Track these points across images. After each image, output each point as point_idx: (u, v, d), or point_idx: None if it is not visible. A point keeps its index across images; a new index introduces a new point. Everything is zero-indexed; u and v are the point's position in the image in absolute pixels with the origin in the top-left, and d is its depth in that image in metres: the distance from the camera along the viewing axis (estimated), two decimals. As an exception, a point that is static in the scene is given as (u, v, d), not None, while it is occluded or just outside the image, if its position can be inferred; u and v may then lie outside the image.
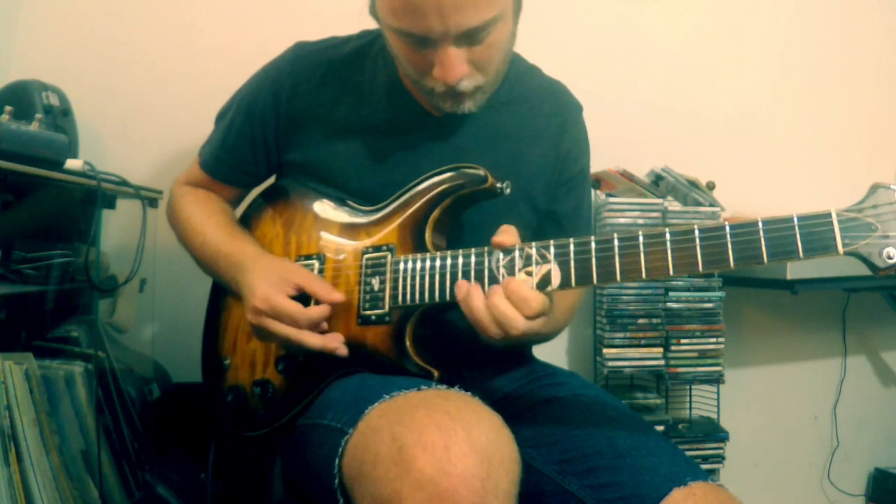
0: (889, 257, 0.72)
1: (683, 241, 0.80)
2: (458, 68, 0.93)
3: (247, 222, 1.18)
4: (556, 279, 0.86)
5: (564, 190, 1.17)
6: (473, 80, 0.97)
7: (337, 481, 0.80)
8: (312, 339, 0.96)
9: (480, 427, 0.74)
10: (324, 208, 1.09)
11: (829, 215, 0.74)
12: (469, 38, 0.92)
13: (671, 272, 0.80)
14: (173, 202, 1.23)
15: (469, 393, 0.84)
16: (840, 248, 0.73)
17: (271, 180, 1.22)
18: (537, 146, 1.13)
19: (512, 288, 0.85)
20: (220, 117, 1.21)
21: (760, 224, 0.76)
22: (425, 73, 0.97)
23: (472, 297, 0.88)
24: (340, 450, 0.81)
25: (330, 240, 1.06)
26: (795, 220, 0.75)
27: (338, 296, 0.98)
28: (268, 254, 1.09)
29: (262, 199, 1.19)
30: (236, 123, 1.16)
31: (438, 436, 0.72)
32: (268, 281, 0.98)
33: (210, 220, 1.15)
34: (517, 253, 0.89)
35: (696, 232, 0.79)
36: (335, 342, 0.96)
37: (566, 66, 1.34)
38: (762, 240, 0.76)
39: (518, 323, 0.84)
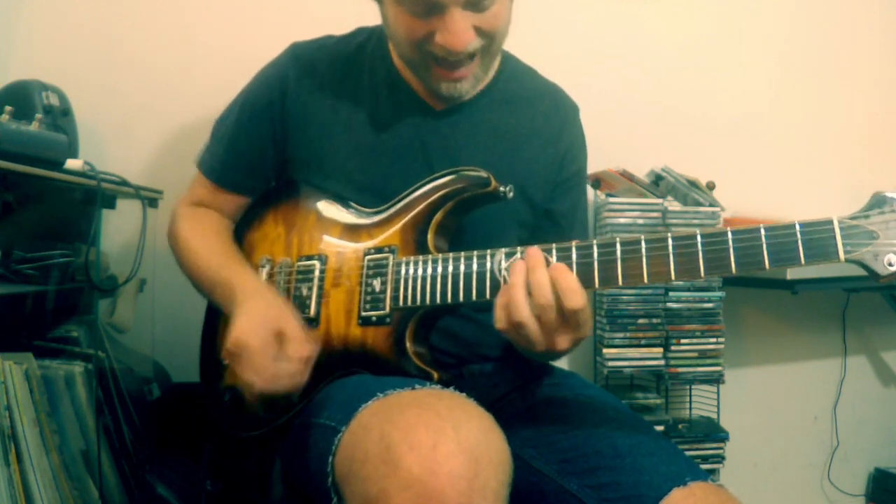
0: (890, 264, 0.73)
1: (686, 247, 0.80)
2: (465, 33, 0.95)
3: (249, 222, 1.18)
4: (557, 282, 0.86)
5: (562, 189, 1.17)
6: (477, 43, 0.98)
7: (330, 479, 0.80)
8: (275, 385, 0.93)
9: (469, 426, 0.74)
10: (326, 208, 1.09)
11: (831, 222, 0.75)
12: (475, 4, 0.94)
13: (673, 277, 0.81)
14: (173, 226, 1.19)
15: (463, 393, 0.84)
16: (841, 255, 0.74)
17: (272, 181, 1.22)
18: (534, 144, 1.14)
19: (557, 274, 0.82)
20: (221, 124, 1.20)
21: (762, 231, 0.77)
22: (427, 41, 0.97)
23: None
24: (334, 448, 0.81)
25: (331, 241, 1.06)
26: (797, 227, 0.75)
27: (306, 352, 0.95)
28: (260, 289, 1.03)
29: (264, 198, 1.19)
30: (243, 124, 1.15)
31: (426, 435, 0.72)
32: (249, 322, 0.95)
33: (206, 247, 1.12)
34: (519, 255, 0.89)
35: (699, 238, 0.80)
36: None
37: (567, 66, 1.34)
38: (764, 246, 0.76)
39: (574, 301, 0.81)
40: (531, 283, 0.83)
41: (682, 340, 1.73)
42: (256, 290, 1.02)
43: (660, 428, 1.71)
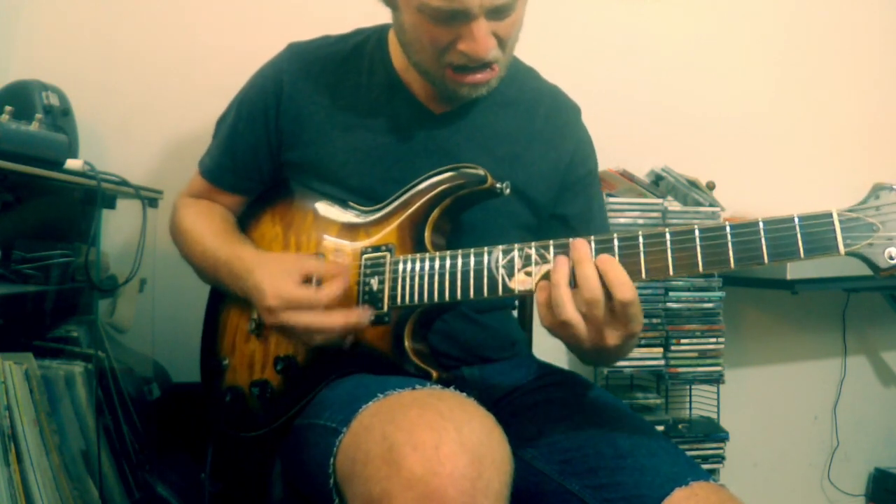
0: (891, 258, 0.71)
1: (684, 242, 0.79)
2: (488, 40, 0.94)
3: (246, 222, 1.18)
4: (555, 279, 0.85)
5: (572, 193, 1.16)
6: (497, 51, 0.98)
7: (332, 481, 0.80)
8: (336, 320, 0.93)
9: (472, 426, 0.74)
10: (323, 208, 1.09)
11: (831, 215, 0.73)
12: (499, 12, 0.94)
13: (671, 273, 0.80)
14: (174, 215, 1.20)
15: (464, 393, 0.83)
16: (841, 249, 0.73)
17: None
18: (535, 148, 1.13)
19: (606, 266, 0.80)
20: (219, 124, 1.20)
21: (761, 224, 0.76)
22: (447, 50, 0.96)
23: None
24: (335, 449, 0.81)
25: (329, 240, 1.06)
26: (796, 220, 0.74)
27: (344, 268, 0.97)
28: (266, 252, 1.08)
29: (261, 199, 1.19)
30: (239, 128, 1.15)
31: (429, 435, 0.72)
32: (274, 276, 0.96)
33: (209, 229, 1.13)
34: (516, 253, 0.88)
35: (697, 232, 0.79)
36: (358, 314, 0.94)
37: (567, 66, 1.35)
38: (763, 240, 0.75)
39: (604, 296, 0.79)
40: (578, 276, 0.81)
41: (682, 340, 1.73)
42: (262, 254, 1.06)
43: (660, 428, 1.71)
